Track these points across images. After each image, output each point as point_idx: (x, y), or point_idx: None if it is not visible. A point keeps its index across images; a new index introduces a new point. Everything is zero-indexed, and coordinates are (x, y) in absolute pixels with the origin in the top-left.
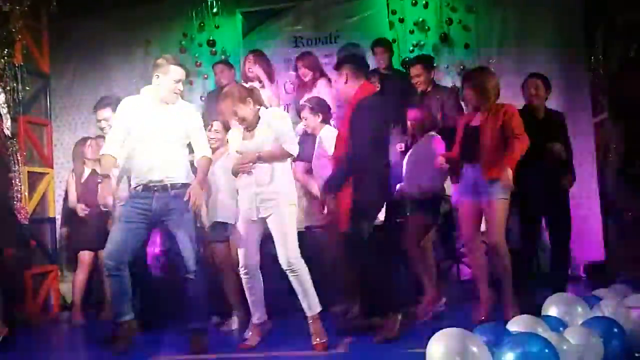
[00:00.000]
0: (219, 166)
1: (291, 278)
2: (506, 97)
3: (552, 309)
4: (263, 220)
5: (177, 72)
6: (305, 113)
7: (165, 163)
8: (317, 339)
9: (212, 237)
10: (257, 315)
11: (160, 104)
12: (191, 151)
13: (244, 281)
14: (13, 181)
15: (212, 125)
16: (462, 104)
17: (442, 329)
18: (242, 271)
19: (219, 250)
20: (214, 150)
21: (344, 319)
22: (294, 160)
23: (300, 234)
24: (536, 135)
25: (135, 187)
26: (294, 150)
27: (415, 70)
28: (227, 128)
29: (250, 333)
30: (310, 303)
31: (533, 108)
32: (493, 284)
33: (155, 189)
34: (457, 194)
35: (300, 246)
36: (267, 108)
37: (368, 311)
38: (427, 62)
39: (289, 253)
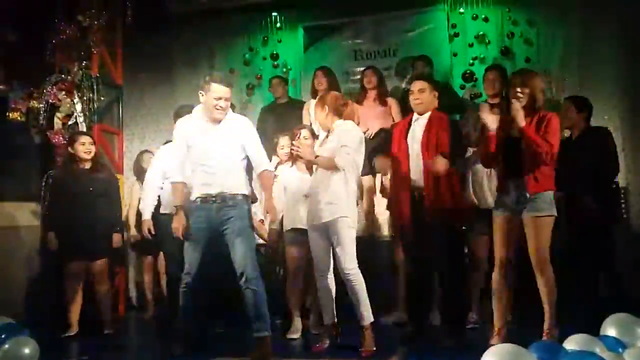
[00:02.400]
0: (294, 175)
1: (348, 287)
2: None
3: (610, 330)
4: (326, 226)
5: (217, 89)
6: None
7: (223, 177)
8: (366, 347)
9: (288, 242)
10: (327, 318)
11: (209, 121)
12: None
13: (317, 284)
14: None
15: (300, 133)
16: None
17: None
18: (316, 274)
19: (292, 256)
20: (295, 158)
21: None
22: None
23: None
24: (572, 154)
25: (194, 201)
26: (340, 163)
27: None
28: (314, 135)
29: (322, 336)
30: (364, 312)
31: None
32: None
33: (214, 200)
34: (497, 209)
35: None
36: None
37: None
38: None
39: (345, 263)
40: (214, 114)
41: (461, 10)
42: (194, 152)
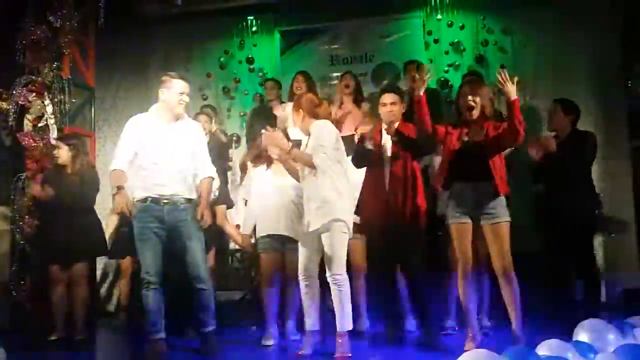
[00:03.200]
0: (270, 179)
1: (333, 292)
2: (541, 120)
3: (582, 335)
4: (318, 232)
5: (179, 85)
6: None
7: (174, 178)
8: (343, 352)
9: (262, 248)
10: (310, 323)
11: (166, 121)
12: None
13: (301, 289)
14: None
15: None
16: None
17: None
18: (300, 278)
19: (266, 262)
20: (270, 160)
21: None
22: None
23: None
24: (559, 158)
25: (143, 200)
26: (317, 161)
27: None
28: (287, 137)
29: (305, 341)
30: (345, 319)
31: (554, 131)
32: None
33: (166, 202)
34: (452, 217)
35: None
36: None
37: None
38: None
39: (334, 269)
40: (177, 109)
41: (439, 17)
42: (146, 150)
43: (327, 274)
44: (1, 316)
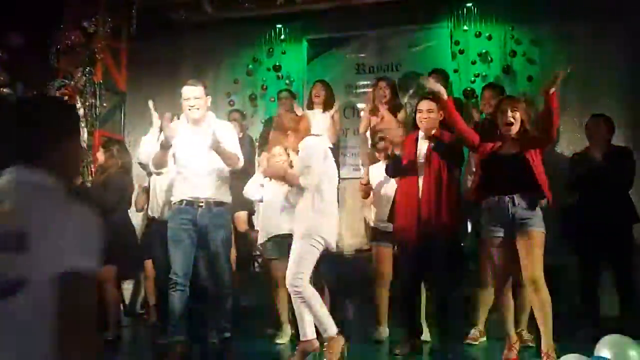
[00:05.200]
0: (273, 185)
1: (299, 304)
2: (568, 132)
3: (604, 351)
4: (287, 237)
5: (185, 91)
6: None
7: (207, 181)
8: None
9: (268, 252)
10: (303, 333)
11: (190, 126)
12: None
13: (292, 298)
14: None
15: (272, 151)
16: None
17: None
18: (289, 289)
19: (275, 264)
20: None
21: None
22: None
23: None
24: (596, 174)
25: (179, 202)
26: (303, 182)
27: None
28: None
29: (297, 350)
30: (325, 326)
31: (592, 147)
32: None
33: (200, 204)
34: (486, 229)
35: None
36: (316, 135)
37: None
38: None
39: (291, 278)
40: (188, 115)
41: (465, 27)
42: (180, 154)
43: (287, 283)
44: None
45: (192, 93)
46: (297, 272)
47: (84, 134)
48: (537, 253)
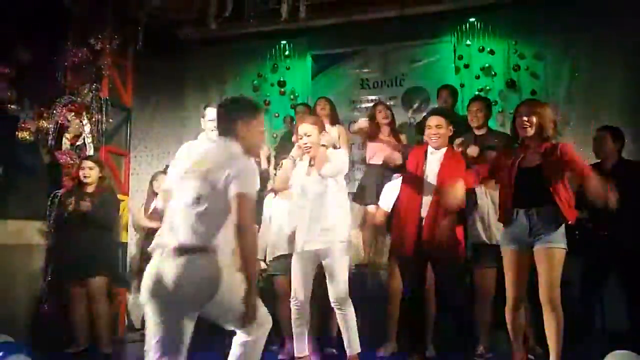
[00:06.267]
0: (278, 203)
1: (337, 315)
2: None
3: None
4: (318, 253)
5: (208, 112)
6: None
7: None
8: None
9: (275, 270)
10: (299, 349)
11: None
12: None
13: (292, 312)
14: None
15: (281, 164)
16: None
17: None
18: (292, 302)
19: (279, 281)
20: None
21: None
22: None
23: None
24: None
25: None
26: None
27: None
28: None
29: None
30: (352, 342)
31: (601, 159)
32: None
33: None
34: (506, 243)
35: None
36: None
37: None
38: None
39: (338, 291)
40: (210, 135)
41: (468, 42)
42: None
43: (331, 298)
44: (29, 328)
45: (212, 115)
46: (345, 284)
47: (90, 150)
48: (556, 271)
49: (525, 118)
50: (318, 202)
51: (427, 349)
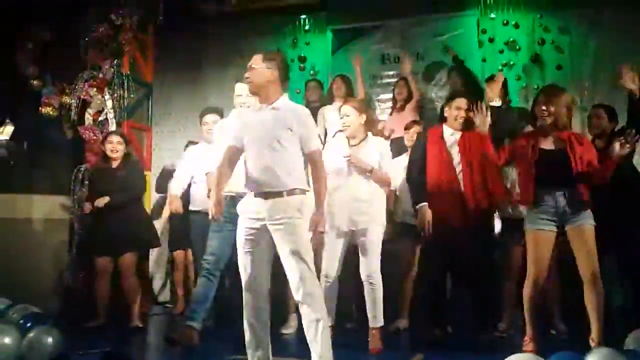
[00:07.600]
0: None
1: (367, 289)
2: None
3: (634, 344)
4: (352, 233)
5: (237, 88)
6: None
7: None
8: (375, 345)
9: None
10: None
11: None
12: None
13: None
14: None
15: None
16: None
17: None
18: (323, 280)
19: None
20: None
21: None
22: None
23: None
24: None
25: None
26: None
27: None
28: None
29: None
30: (378, 315)
31: (594, 137)
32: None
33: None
34: (533, 224)
35: None
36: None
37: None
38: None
39: (372, 268)
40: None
41: (492, 15)
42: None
43: (363, 274)
44: (59, 301)
45: (240, 91)
46: (378, 260)
47: (113, 125)
48: (591, 248)
49: (543, 107)
50: (356, 183)
51: (447, 325)
